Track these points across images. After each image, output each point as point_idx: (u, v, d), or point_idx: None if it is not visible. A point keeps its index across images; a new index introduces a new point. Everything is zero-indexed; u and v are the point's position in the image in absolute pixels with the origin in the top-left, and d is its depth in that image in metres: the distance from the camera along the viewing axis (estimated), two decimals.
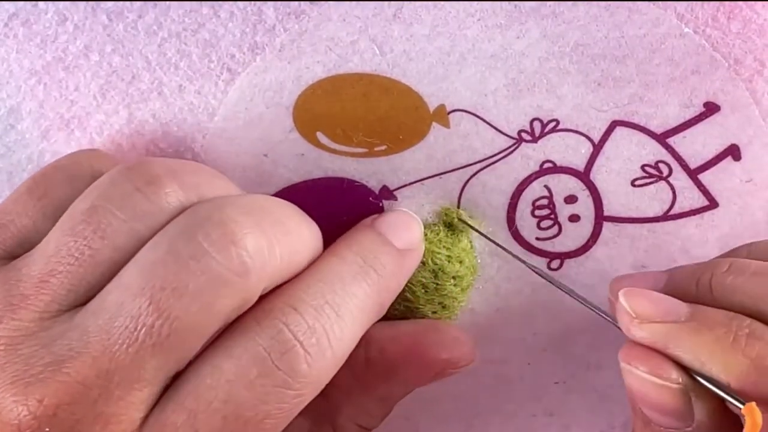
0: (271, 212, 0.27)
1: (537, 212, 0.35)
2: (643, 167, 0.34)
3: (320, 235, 0.30)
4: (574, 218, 0.35)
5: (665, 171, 0.34)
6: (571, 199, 0.35)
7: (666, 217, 0.35)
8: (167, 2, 0.31)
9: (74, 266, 0.25)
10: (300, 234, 0.28)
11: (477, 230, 0.34)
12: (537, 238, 0.35)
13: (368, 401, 0.33)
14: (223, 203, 0.26)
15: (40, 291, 0.25)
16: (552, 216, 0.35)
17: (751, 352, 0.26)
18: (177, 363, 0.25)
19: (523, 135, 0.34)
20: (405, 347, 0.29)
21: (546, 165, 0.34)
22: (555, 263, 0.35)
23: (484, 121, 0.33)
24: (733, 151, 0.34)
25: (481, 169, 0.34)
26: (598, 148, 0.34)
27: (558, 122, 0.33)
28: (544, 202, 0.35)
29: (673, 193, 0.34)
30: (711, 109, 0.33)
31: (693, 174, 0.34)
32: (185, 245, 0.25)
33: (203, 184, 0.28)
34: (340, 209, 0.34)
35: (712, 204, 0.35)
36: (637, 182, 0.34)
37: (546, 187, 0.34)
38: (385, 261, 0.30)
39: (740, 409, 0.26)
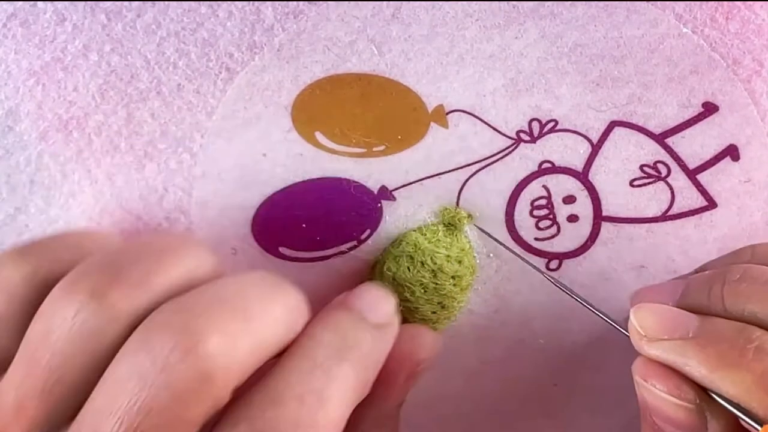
0: (233, 301, 0.27)
1: (535, 212, 0.35)
2: (641, 167, 0.34)
3: (301, 304, 0.29)
4: (572, 218, 0.35)
5: (664, 171, 0.34)
6: (569, 200, 0.35)
7: (665, 217, 0.35)
8: (166, 2, 0.31)
9: (42, 398, 0.25)
10: (270, 317, 0.27)
11: (482, 230, 0.34)
12: (536, 239, 0.35)
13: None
14: (178, 306, 0.26)
15: (18, 419, 0.25)
16: (551, 216, 0.35)
17: (757, 368, 0.25)
18: None
19: (522, 135, 0.34)
20: None
21: (544, 165, 0.34)
22: (554, 263, 0.35)
23: (483, 121, 0.33)
24: (732, 152, 0.34)
25: (480, 170, 0.34)
26: (596, 148, 0.34)
27: (556, 122, 0.33)
28: (543, 202, 0.35)
29: (672, 193, 0.34)
30: (709, 109, 0.33)
31: (691, 174, 0.34)
32: (146, 360, 0.25)
33: (153, 273, 0.27)
34: (338, 209, 0.34)
35: (711, 204, 0.35)
36: (636, 182, 0.34)
37: (544, 187, 0.34)
38: (362, 338, 0.30)
39: (758, 430, 0.25)
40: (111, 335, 0.26)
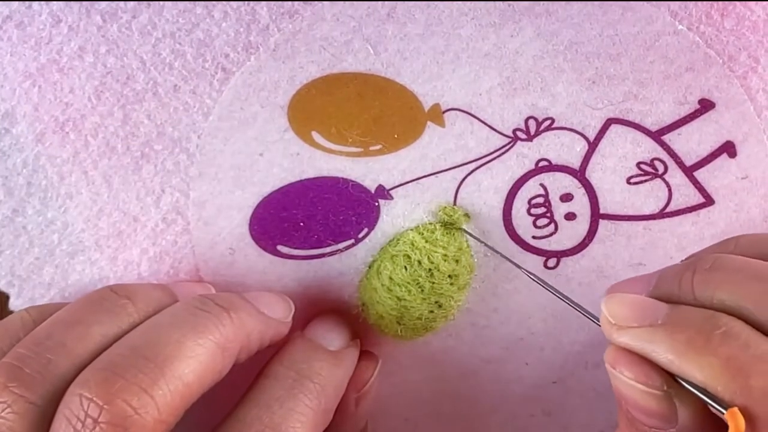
0: (148, 349, 0.27)
1: (533, 211, 0.35)
2: (638, 165, 0.34)
3: (240, 326, 0.29)
4: (570, 216, 0.35)
5: (660, 168, 0.34)
6: (566, 197, 0.35)
7: (662, 214, 0.35)
8: (161, 2, 0.31)
9: None
10: (189, 357, 0.27)
11: (474, 236, 0.34)
12: (533, 237, 0.35)
13: None
14: (94, 366, 0.27)
15: None
16: (548, 214, 0.35)
17: (723, 353, 0.25)
18: None
19: (518, 133, 0.34)
20: None
21: (541, 163, 0.34)
22: (551, 262, 0.35)
23: (479, 119, 0.33)
24: (729, 148, 0.34)
25: (477, 168, 0.34)
26: (593, 146, 0.34)
27: (553, 120, 0.33)
28: (540, 200, 0.35)
29: (669, 190, 0.34)
30: (706, 106, 0.33)
31: (688, 171, 0.34)
32: (67, 427, 0.26)
33: (56, 351, 0.28)
34: (336, 208, 0.34)
35: (708, 201, 0.35)
36: (633, 180, 0.34)
37: (541, 185, 0.34)
38: (319, 367, 0.32)
39: (723, 414, 0.25)
40: (38, 419, 0.26)
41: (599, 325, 0.31)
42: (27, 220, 0.34)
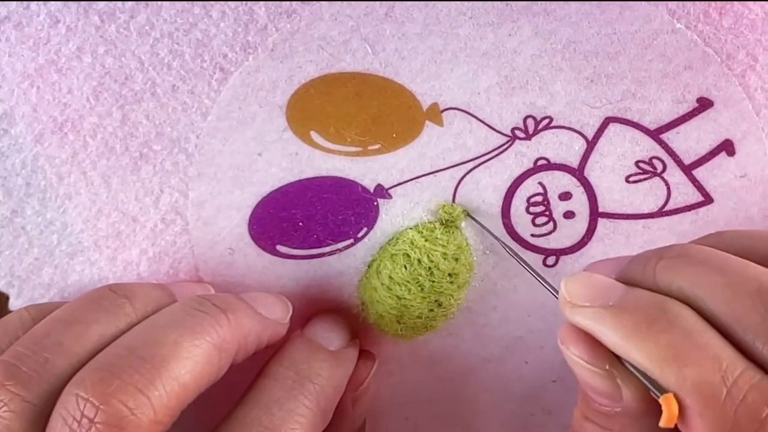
0: (144, 350, 0.27)
1: (532, 209, 0.35)
2: (637, 163, 0.34)
3: (236, 327, 0.30)
4: (568, 215, 0.35)
5: (659, 167, 0.34)
6: (565, 196, 0.35)
7: (661, 213, 0.35)
8: (159, 2, 0.31)
9: None
10: (185, 358, 0.28)
11: (479, 223, 0.34)
12: (532, 235, 0.35)
13: None
14: (91, 366, 0.27)
15: None
16: (547, 213, 0.35)
17: (664, 339, 0.25)
18: None
19: (517, 132, 0.34)
20: None
21: (540, 162, 0.34)
22: (550, 260, 0.36)
23: (478, 119, 0.33)
24: (727, 147, 0.34)
25: (476, 167, 0.34)
26: (591, 144, 0.34)
27: (551, 119, 0.33)
28: (539, 199, 0.35)
29: (668, 189, 0.35)
30: (704, 104, 0.33)
31: (687, 170, 0.34)
32: (63, 427, 0.26)
33: (55, 349, 0.28)
34: (335, 208, 0.34)
35: (707, 200, 0.35)
36: (632, 178, 0.34)
37: (540, 184, 0.34)
38: (319, 367, 0.32)
39: (657, 398, 0.25)
40: (35, 418, 0.27)
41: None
42: (26, 221, 0.34)
